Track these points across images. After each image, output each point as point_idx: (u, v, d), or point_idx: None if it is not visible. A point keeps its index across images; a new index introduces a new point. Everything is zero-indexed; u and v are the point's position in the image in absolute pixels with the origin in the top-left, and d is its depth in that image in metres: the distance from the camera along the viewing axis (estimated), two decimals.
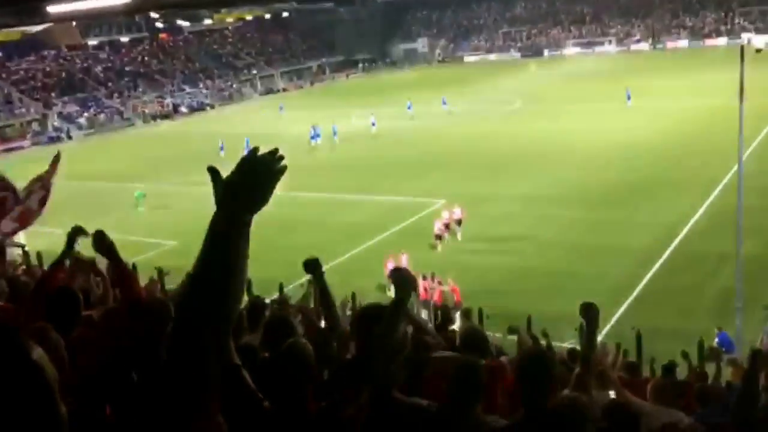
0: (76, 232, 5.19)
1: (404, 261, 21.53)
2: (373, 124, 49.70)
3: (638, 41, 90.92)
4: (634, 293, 20.27)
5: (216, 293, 1.67)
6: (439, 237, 25.44)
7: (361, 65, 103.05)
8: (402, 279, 3.62)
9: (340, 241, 26.86)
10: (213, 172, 1.89)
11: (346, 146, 45.91)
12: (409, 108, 55.57)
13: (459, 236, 26.04)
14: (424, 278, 21.09)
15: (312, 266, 4.95)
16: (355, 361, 4.36)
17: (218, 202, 1.84)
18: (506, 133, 44.63)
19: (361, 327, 4.53)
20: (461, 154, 39.86)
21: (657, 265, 21.98)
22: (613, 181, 31.32)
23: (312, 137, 47.51)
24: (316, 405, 3.68)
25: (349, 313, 12.53)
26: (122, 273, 5.04)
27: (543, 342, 11.04)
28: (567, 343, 13.35)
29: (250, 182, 1.83)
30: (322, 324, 6.05)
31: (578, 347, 12.92)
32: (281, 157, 1.89)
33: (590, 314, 4.33)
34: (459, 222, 26.18)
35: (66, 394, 2.75)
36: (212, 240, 1.79)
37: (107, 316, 4.72)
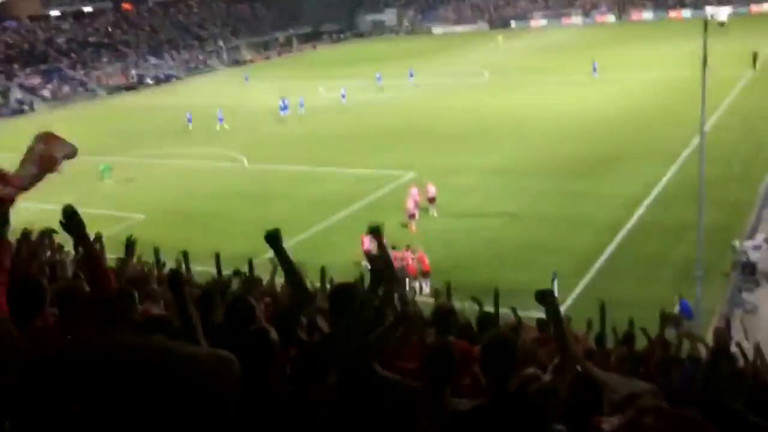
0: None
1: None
2: (343, 96, 49.25)
3: (604, 12, 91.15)
4: (599, 263, 20.51)
5: None
6: (412, 216, 24.47)
7: (328, 36, 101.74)
8: (376, 267, 3.60)
9: (308, 214, 26.69)
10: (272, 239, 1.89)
11: (315, 118, 45.45)
12: (378, 80, 55.18)
13: (435, 214, 25.30)
14: (394, 248, 21.05)
15: (272, 239, 4.77)
16: (322, 343, 4.30)
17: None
18: (474, 106, 44.56)
19: (333, 307, 4.48)
20: (430, 127, 39.73)
21: (621, 235, 22.25)
22: (579, 152, 31.51)
23: (281, 109, 46.97)
24: (282, 389, 3.65)
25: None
26: (91, 260, 4.78)
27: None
28: (532, 311, 13.43)
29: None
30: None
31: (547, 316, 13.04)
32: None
33: (548, 302, 4.27)
34: (432, 200, 25.50)
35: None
36: None
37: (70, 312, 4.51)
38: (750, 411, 4.87)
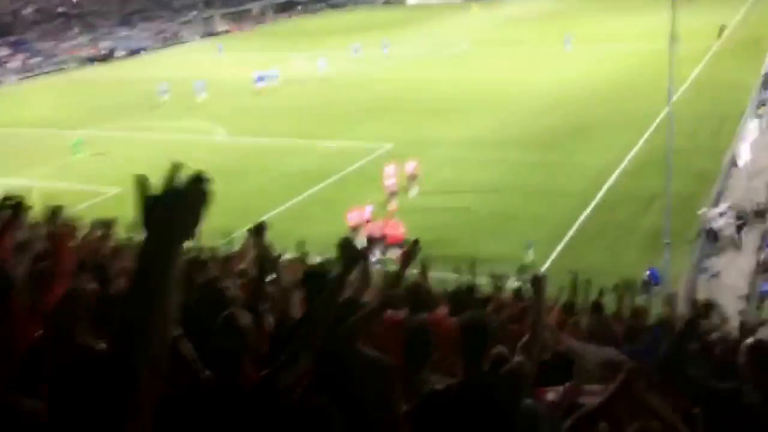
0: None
1: (368, 212, 21.40)
2: (322, 67, 48.79)
3: None
4: (571, 232, 20.84)
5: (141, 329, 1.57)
6: (393, 194, 23.52)
7: (303, 7, 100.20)
8: (348, 252, 3.59)
9: (285, 187, 26.59)
10: (141, 182, 1.61)
11: (291, 90, 44.98)
12: (355, 52, 54.75)
13: (415, 192, 24.38)
14: (368, 222, 21.13)
15: (258, 230, 4.84)
16: (294, 327, 4.33)
17: (148, 225, 1.60)
18: (449, 77, 44.44)
19: (306, 289, 4.50)
20: (405, 99, 39.58)
21: (592, 205, 22.58)
22: (552, 124, 31.72)
23: (256, 81, 46.43)
24: (254, 374, 3.64)
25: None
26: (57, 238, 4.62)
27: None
28: (510, 280, 13.63)
29: (181, 208, 1.60)
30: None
31: (520, 284, 13.25)
32: (208, 180, 1.67)
33: (539, 286, 4.35)
34: (413, 177, 24.57)
35: None
36: (141, 273, 1.59)
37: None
38: (712, 376, 5.05)
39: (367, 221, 21.01)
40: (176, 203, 1.58)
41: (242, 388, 3.40)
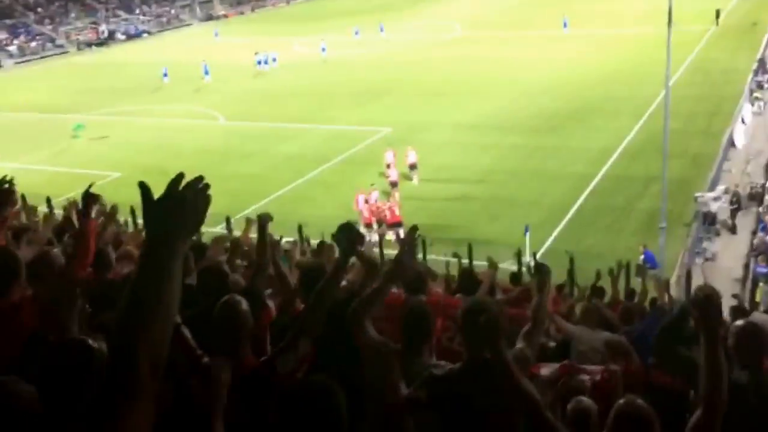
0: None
1: (374, 197, 21.38)
2: (323, 50, 48.58)
3: None
4: (568, 215, 20.85)
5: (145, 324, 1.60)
6: (394, 184, 23.07)
7: None
8: (346, 239, 3.58)
9: (286, 170, 26.55)
10: (144, 188, 1.71)
11: (290, 74, 44.75)
12: (356, 34, 54.51)
13: (416, 181, 24.03)
14: (367, 202, 21.15)
15: (263, 219, 4.84)
16: (295, 316, 4.31)
17: (149, 227, 1.69)
18: (446, 61, 44.19)
19: (303, 283, 4.48)
20: (403, 82, 39.40)
21: (589, 189, 22.57)
22: (549, 108, 31.59)
23: (257, 63, 46.49)
24: (254, 361, 3.63)
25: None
26: (82, 234, 4.58)
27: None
28: (506, 263, 13.65)
29: (183, 210, 1.68)
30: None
31: (516, 269, 13.28)
32: (207, 185, 1.76)
33: (542, 275, 4.35)
34: (413, 166, 24.21)
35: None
36: (146, 269, 1.65)
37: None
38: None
39: (373, 207, 20.98)
40: (177, 207, 1.67)
41: (242, 373, 3.39)
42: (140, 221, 13.84)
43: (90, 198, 4.46)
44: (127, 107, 39.56)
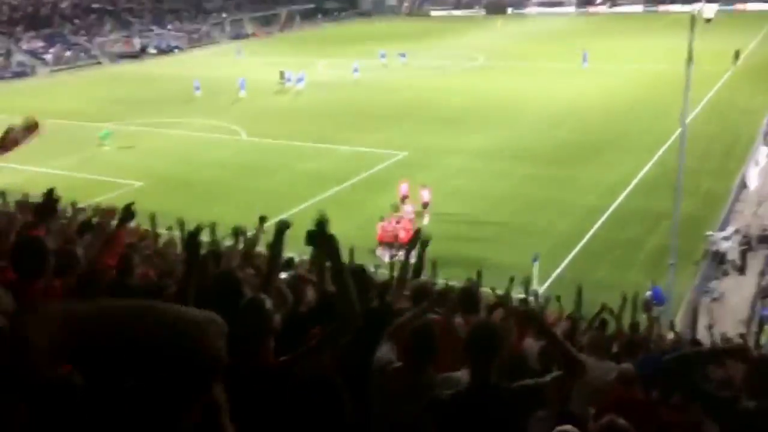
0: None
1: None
2: (356, 71, 49.21)
3: (597, 4, 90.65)
4: (578, 247, 20.72)
5: None
6: (411, 221, 21.86)
7: (330, 14, 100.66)
8: (325, 245, 3.60)
9: (303, 188, 26.69)
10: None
11: (311, 95, 45.21)
12: (382, 57, 55.15)
13: (426, 221, 22.31)
14: (382, 219, 21.19)
15: (281, 228, 4.89)
16: (304, 319, 4.34)
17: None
18: (467, 88, 44.43)
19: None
20: (424, 108, 39.63)
21: (600, 221, 22.45)
22: (566, 139, 31.60)
23: (287, 81, 47.57)
24: (275, 360, 3.67)
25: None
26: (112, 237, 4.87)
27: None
28: (514, 291, 13.59)
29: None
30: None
31: (525, 296, 13.21)
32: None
33: (531, 321, 4.32)
34: (425, 205, 23.27)
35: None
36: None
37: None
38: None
39: (388, 226, 21.03)
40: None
41: (264, 374, 3.41)
42: (159, 230, 13.98)
43: (129, 212, 4.88)
44: (154, 119, 40.10)
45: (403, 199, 23.49)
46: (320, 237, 3.51)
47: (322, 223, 3.53)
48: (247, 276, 6.70)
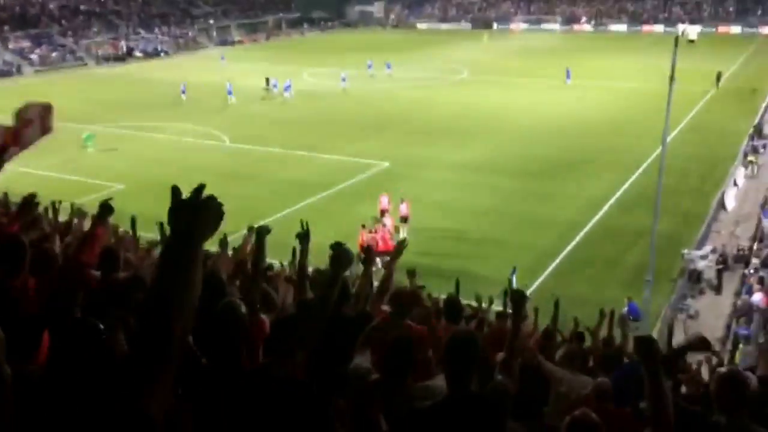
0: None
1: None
2: (344, 80, 49.32)
3: (582, 22, 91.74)
4: (556, 261, 20.80)
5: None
6: (389, 234, 21.82)
7: (316, 23, 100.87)
8: (338, 256, 3.65)
9: (284, 196, 26.60)
10: (175, 189, 1.99)
11: (296, 102, 45.20)
12: (369, 67, 55.41)
13: (405, 234, 21.78)
14: (363, 227, 21.15)
15: (262, 231, 4.93)
16: (287, 324, 4.32)
17: (178, 220, 1.94)
18: (451, 101, 44.66)
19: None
20: (407, 119, 39.74)
21: (579, 237, 22.56)
22: (547, 154, 31.80)
23: (273, 86, 47.73)
24: (251, 363, 3.64)
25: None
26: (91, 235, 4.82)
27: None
28: (494, 303, 13.59)
29: (208, 212, 1.97)
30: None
31: (503, 309, 13.22)
32: (220, 204, 2.04)
33: (519, 303, 4.36)
34: (404, 219, 23.06)
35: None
36: (176, 254, 1.91)
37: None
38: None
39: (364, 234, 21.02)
40: (203, 209, 1.94)
41: (240, 377, 3.41)
42: (141, 234, 13.82)
43: (107, 208, 4.85)
44: (138, 122, 39.83)
45: (383, 212, 23.38)
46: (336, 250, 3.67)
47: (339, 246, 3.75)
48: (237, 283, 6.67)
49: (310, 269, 13.30)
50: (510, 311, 4.97)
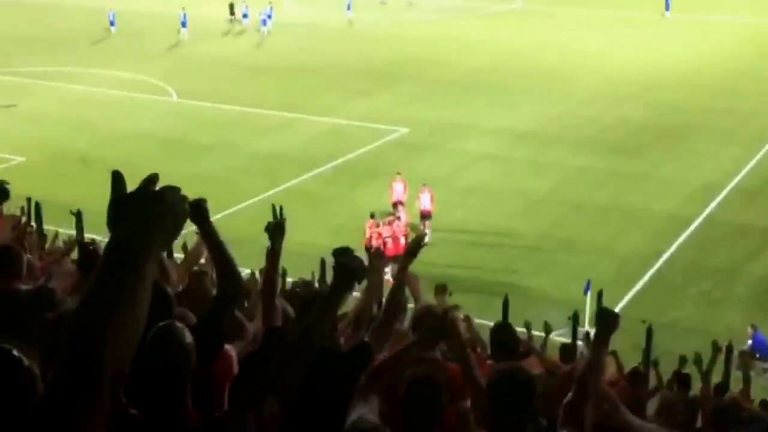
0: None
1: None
2: (348, 8, 49.40)
3: None
4: (649, 273, 20.70)
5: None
6: (397, 239, 21.72)
7: None
8: (346, 268, 3.61)
9: (254, 175, 26.61)
10: (118, 178, 2.06)
11: (278, 41, 45.22)
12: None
13: (428, 237, 20.56)
14: (372, 216, 21.11)
15: (197, 210, 4.81)
16: (259, 357, 4.31)
17: (123, 223, 1.97)
18: (496, 40, 44.53)
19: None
20: (432, 66, 39.64)
21: (681, 238, 22.45)
22: (634, 119, 31.67)
23: (243, 18, 48.47)
24: (198, 414, 3.63)
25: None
26: None
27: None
28: (555, 333, 13.56)
29: (163, 212, 2.00)
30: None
31: (569, 341, 13.19)
32: (186, 197, 2.10)
33: (607, 325, 4.39)
34: (426, 214, 22.90)
35: None
36: (117, 268, 1.92)
37: None
38: None
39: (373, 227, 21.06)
40: (156, 207, 1.96)
41: (181, 428, 3.42)
42: (49, 227, 13.88)
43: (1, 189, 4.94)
44: (46, 66, 39.89)
45: (396, 205, 23.12)
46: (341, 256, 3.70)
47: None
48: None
49: (290, 280, 13.38)
50: (584, 341, 4.99)
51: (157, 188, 2.04)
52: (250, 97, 34.98)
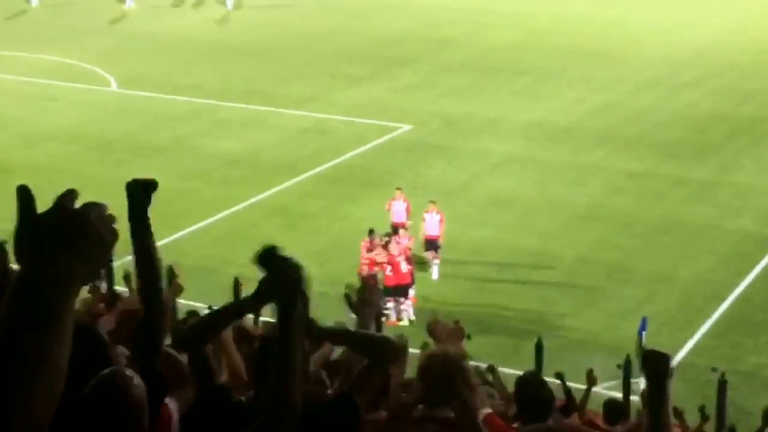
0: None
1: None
2: None
3: None
4: (721, 308, 20.73)
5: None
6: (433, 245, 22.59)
7: None
8: (279, 271, 3.63)
9: (216, 186, 26.63)
10: (25, 194, 1.95)
11: (241, 15, 45.37)
12: None
13: (434, 271, 22.39)
14: (371, 233, 21.07)
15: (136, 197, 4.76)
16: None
17: (33, 253, 1.91)
18: (524, 13, 44.61)
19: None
20: (443, 45, 39.84)
21: (763, 263, 22.50)
22: (702, 110, 31.82)
23: None
24: None
25: None
26: None
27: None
28: (602, 386, 13.58)
29: (85, 237, 1.92)
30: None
31: (620, 396, 13.19)
32: (113, 216, 2.02)
33: (656, 373, 4.33)
34: (432, 242, 22.79)
35: None
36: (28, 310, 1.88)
37: None
38: None
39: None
40: (77, 231, 1.89)
41: None
42: None
43: None
44: None
45: (396, 228, 22.88)
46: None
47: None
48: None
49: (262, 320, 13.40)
50: (641, 397, 5.02)
51: (76, 205, 1.96)
52: (211, 86, 35.11)
